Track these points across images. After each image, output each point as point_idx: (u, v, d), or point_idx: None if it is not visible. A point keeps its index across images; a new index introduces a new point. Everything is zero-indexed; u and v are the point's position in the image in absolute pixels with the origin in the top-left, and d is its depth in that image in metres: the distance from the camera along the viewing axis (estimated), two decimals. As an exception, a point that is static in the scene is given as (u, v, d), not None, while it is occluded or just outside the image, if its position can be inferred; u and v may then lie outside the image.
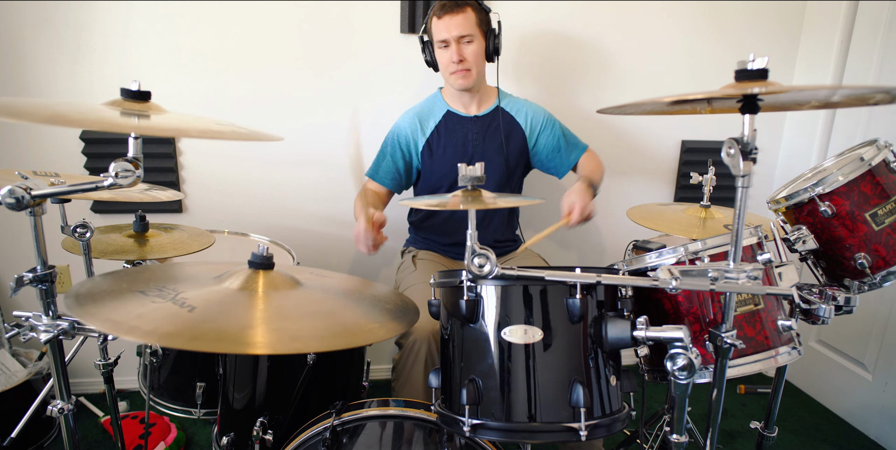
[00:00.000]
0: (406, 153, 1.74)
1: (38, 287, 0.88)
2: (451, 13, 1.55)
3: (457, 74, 1.61)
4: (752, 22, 2.16)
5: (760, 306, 1.03)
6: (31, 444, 1.70)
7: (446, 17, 1.55)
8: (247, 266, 0.95)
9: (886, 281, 1.14)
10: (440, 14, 1.56)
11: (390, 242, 2.14)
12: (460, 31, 1.56)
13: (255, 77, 1.93)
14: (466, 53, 1.59)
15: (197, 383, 1.38)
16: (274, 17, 1.89)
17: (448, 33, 1.56)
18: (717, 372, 0.92)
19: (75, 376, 2.10)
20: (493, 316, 0.89)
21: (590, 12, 2.06)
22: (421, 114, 1.74)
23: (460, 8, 1.56)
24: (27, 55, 1.79)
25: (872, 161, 1.12)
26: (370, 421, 1.03)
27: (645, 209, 1.55)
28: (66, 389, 0.95)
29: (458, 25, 1.55)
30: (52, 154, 1.88)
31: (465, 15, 1.56)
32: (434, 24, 1.59)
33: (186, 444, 1.82)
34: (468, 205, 0.84)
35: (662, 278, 0.82)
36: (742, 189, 0.80)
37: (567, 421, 0.85)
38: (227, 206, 2.03)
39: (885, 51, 1.91)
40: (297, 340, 0.75)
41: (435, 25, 1.58)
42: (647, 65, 2.15)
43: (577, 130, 2.20)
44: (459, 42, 1.57)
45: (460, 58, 1.58)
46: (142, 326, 0.71)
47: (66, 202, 1.21)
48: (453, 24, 1.55)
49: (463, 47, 1.58)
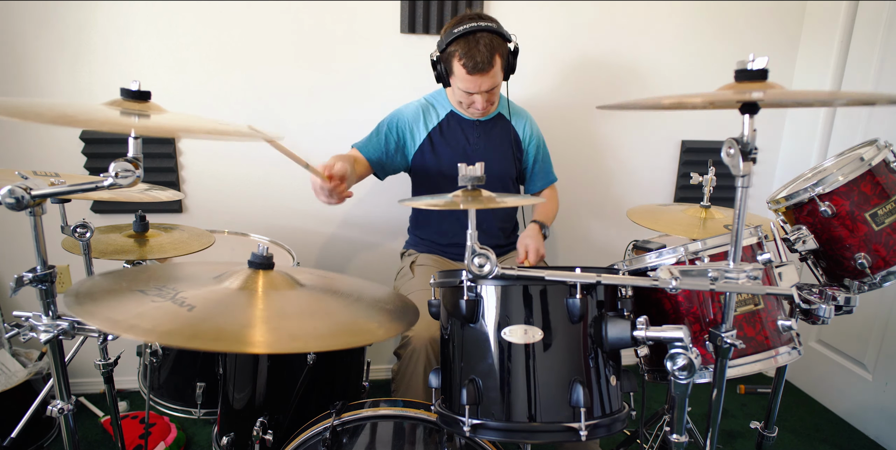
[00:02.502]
0: (401, 138, 1.71)
1: (38, 287, 0.88)
2: (482, 73, 1.49)
3: (475, 111, 1.65)
4: (752, 22, 2.16)
5: (760, 306, 1.03)
6: (31, 444, 1.70)
7: (477, 76, 1.50)
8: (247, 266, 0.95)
9: (886, 281, 1.13)
10: (471, 71, 1.49)
11: (390, 242, 2.16)
12: (490, 86, 1.54)
13: (256, 77, 1.93)
14: (491, 98, 1.60)
15: (197, 383, 1.38)
16: (274, 17, 1.89)
17: (477, 89, 1.54)
18: (717, 372, 0.92)
19: (75, 376, 2.10)
20: (493, 316, 0.89)
21: (590, 12, 2.06)
22: (425, 107, 1.74)
23: (490, 65, 1.49)
24: (28, 55, 1.79)
25: (872, 161, 1.12)
26: (370, 421, 1.03)
27: (645, 209, 1.55)
28: (66, 389, 0.95)
29: (489, 82, 1.52)
30: (52, 154, 1.88)
31: (495, 69, 1.50)
32: (460, 74, 1.52)
33: (186, 444, 1.82)
34: (468, 205, 0.84)
35: (662, 278, 0.82)
36: (742, 189, 0.80)
37: (567, 421, 0.85)
38: (227, 206, 2.03)
39: (885, 51, 1.91)
40: (296, 339, 0.75)
41: (461, 77, 1.52)
42: (647, 64, 2.15)
43: (576, 129, 2.21)
44: (485, 92, 1.56)
45: (485, 106, 1.61)
46: (141, 325, 0.71)
47: (66, 202, 1.21)
48: (484, 83, 1.52)
49: (489, 95, 1.58)
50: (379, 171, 1.72)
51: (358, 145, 1.70)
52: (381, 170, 1.73)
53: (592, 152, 2.22)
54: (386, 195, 2.09)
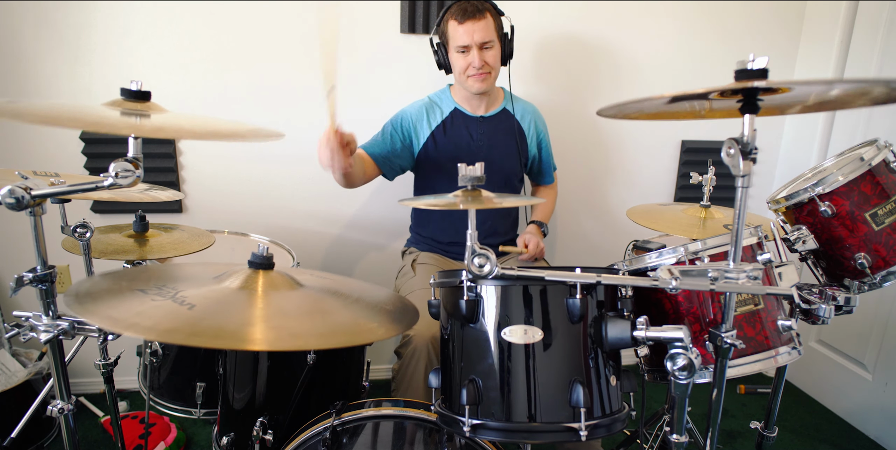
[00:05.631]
0: (406, 136, 1.73)
1: (38, 287, 0.88)
2: (473, 19, 1.54)
3: (476, 77, 1.63)
4: (752, 22, 2.16)
5: (760, 306, 1.03)
6: (31, 444, 1.70)
7: (468, 22, 1.54)
8: (247, 266, 0.95)
9: (886, 281, 1.14)
10: (461, 19, 1.55)
11: (393, 242, 2.16)
12: (482, 38, 1.56)
13: (256, 77, 1.93)
14: (487, 58, 1.60)
15: (197, 383, 1.38)
16: (274, 18, 1.89)
17: (471, 39, 1.56)
18: (717, 372, 0.92)
19: (75, 376, 2.10)
20: (493, 316, 0.89)
21: (589, 12, 2.06)
22: (429, 105, 1.75)
23: (481, 13, 1.55)
24: (27, 55, 1.79)
25: (872, 161, 1.12)
26: (370, 421, 1.03)
27: (645, 209, 1.55)
28: (66, 389, 0.95)
29: (481, 31, 1.55)
30: (52, 154, 1.88)
31: (486, 21, 1.56)
32: (452, 28, 1.58)
33: (186, 444, 1.82)
34: (468, 205, 0.84)
35: (662, 278, 0.82)
36: (742, 189, 0.80)
37: (567, 421, 0.85)
38: (227, 206, 2.03)
39: (885, 51, 1.91)
40: (296, 337, 0.75)
41: (453, 30, 1.58)
42: (647, 65, 2.15)
43: (575, 129, 2.21)
44: (481, 48, 1.58)
45: (482, 63, 1.59)
46: (141, 323, 0.71)
47: (66, 202, 1.21)
48: (476, 30, 1.55)
49: (484, 53, 1.59)
50: (387, 170, 1.73)
51: (364, 146, 1.72)
52: (389, 169, 1.74)
53: (592, 152, 2.22)
54: (387, 195, 2.09)
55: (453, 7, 1.58)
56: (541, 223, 1.84)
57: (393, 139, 1.72)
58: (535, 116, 1.84)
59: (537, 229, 1.81)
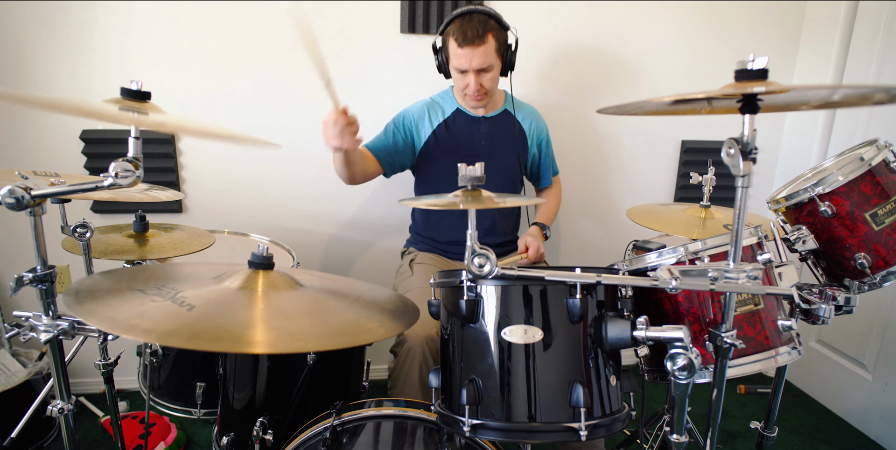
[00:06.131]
0: (408, 135, 1.74)
1: (38, 287, 0.88)
2: (472, 46, 1.51)
3: (472, 98, 1.63)
4: (752, 22, 2.16)
5: (760, 306, 1.03)
6: (31, 444, 1.70)
7: (467, 48, 1.51)
8: (247, 266, 0.95)
9: (886, 281, 1.13)
10: (461, 43, 1.51)
11: (392, 242, 2.16)
12: (481, 64, 1.54)
13: (256, 76, 1.93)
14: (484, 81, 1.59)
15: (197, 383, 1.38)
16: (275, 18, 1.88)
17: (468, 65, 1.54)
18: (717, 372, 0.92)
19: (75, 376, 2.10)
20: (493, 316, 0.89)
21: (589, 12, 2.06)
22: (431, 105, 1.76)
23: (480, 39, 1.51)
24: (27, 55, 1.79)
25: (872, 161, 1.12)
26: (370, 421, 1.03)
27: (645, 209, 1.55)
28: (66, 389, 0.95)
29: (479, 58, 1.53)
30: (52, 154, 1.88)
31: (486, 46, 1.52)
32: (452, 48, 1.55)
33: (186, 444, 1.82)
34: (468, 205, 0.84)
35: (662, 278, 0.82)
36: (742, 189, 0.80)
37: (567, 421, 0.85)
38: (227, 206, 2.03)
39: (885, 51, 1.91)
40: (296, 338, 0.75)
41: (453, 51, 1.55)
42: (647, 65, 2.15)
43: (575, 129, 2.21)
44: (478, 73, 1.57)
45: (478, 87, 1.59)
46: (140, 325, 0.71)
47: (66, 202, 1.21)
48: (475, 57, 1.53)
49: (481, 77, 1.58)
50: (387, 168, 1.74)
51: (366, 144, 1.72)
52: (390, 167, 1.74)
53: (592, 152, 2.22)
54: (387, 195, 2.09)
55: (455, 23, 1.53)
56: (543, 225, 1.82)
57: (395, 137, 1.73)
58: (536, 118, 1.84)
59: (539, 231, 1.79)
